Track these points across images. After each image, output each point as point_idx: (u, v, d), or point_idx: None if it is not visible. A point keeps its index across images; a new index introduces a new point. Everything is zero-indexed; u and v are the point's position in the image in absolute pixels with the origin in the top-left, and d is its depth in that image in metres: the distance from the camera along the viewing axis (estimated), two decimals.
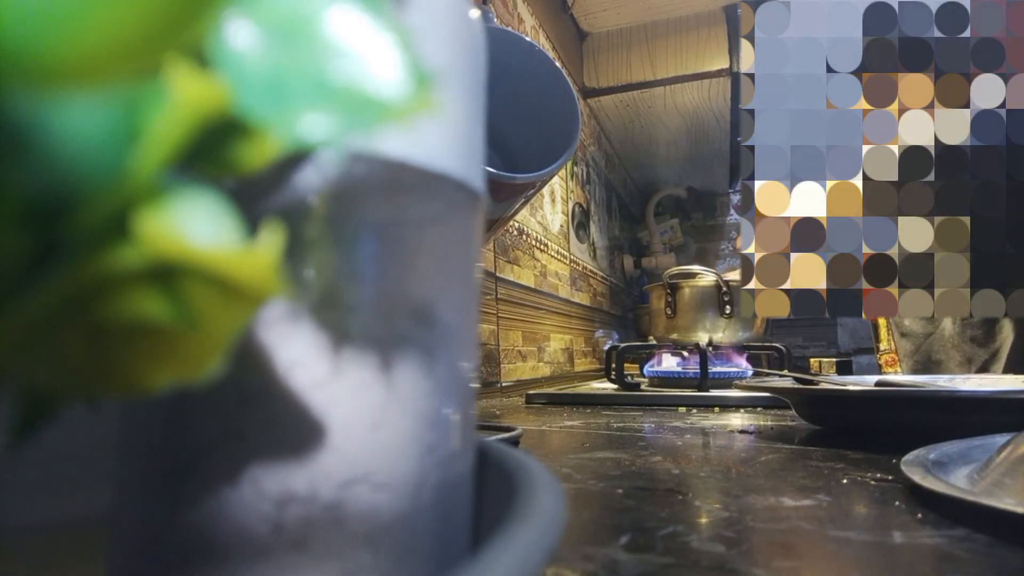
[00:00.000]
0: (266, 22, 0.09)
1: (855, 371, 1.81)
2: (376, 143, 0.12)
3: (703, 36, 1.78)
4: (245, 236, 0.08)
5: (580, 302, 1.72)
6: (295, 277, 0.12)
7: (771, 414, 0.65)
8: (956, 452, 0.32)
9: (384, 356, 0.12)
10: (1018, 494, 0.24)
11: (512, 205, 0.61)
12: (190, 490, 0.12)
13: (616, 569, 0.20)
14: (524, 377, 1.24)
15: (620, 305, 2.22)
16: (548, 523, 0.11)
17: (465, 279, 0.15)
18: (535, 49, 0.62)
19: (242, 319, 0.08)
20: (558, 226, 1.55)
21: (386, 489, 0.12)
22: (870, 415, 0.46)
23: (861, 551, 0.21)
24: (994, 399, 0.42)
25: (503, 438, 0.43)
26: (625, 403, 0.79)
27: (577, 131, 0.61)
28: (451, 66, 0.14)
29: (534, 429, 0.56)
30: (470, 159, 0.14)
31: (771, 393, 0.62)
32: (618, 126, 2.09)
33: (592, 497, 0.30)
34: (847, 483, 0.31)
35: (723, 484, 0.32)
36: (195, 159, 0.08)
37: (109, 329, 0.08)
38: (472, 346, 0.15)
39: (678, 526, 0.24)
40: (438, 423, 0.13)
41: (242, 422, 0.12)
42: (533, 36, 1.40)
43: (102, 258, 0.08)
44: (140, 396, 0.09)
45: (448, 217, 0.14)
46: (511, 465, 0.15)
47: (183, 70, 0.07)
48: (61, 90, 0.07)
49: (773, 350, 0.95)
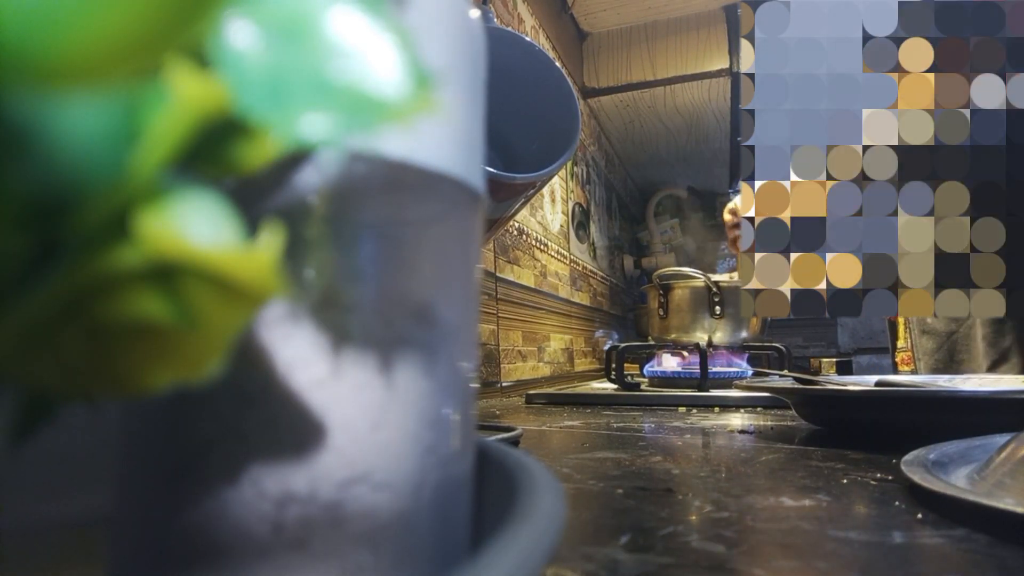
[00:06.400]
0: (266, 22, 0.09)
1: (855, 371, 1.81)
2: (376, 143, 0.12)
3: (703, 36, 1.78)
4: (245, 236, 0.08)
5: (580, 302, 1.72)
6: (295, 277, 0.12)
7: (771, 414, 0.65)
8: (956, 452, 0.32)
9: (384, 356, 0.12)
10: (1018, 494, 0.24)
11: (512, 205, 0.61)
12: (190, 490, 0.12)
13: (616, 569, 0.20)
14: (524, 377, 1.24)
15: (620, 305, 2.22)
16: (548, 523, 0.11)
17: (465, 279, 0.15)
18: (535, 49, 0.62)
19: (242, 319, 0.08)
20: (558, 226, 1.55)
21: (386, 489, 0.12)
22: (870, 415, 0.46)
23: (861, 551, 0.21)
24: (994, 399, 0.42)
25: (503, 438, 0.43)
26: (625, 403, 0.79)
27: (577, 131, 0.61)
28: (451, 66, 0.14)
29: (534, 429, 0.56)
30: (470, 159, 0.14)
31: (771, 393, 0.62)
32: (618, 126, 2.09)
33: (592, 497, 0.30)
34: (847, 483, 0.31)
35: (723, 484, 0.32)
36: (195, 159, 0.08)
37: (109, 329, 0.08)
38: (472, 346, 0.15)
39: (678, 526, 0.24)
40: (438, 423, 0.13)
41: (242, 422, 0.12)
42: (533, 36, 1.40)
43: (102, 258, 0.08)
44: (140, 396, 0.09)
45: (448, 217, 0.14)
46: (511, 465, 0.15)
47: (183, 70, 0.07)
48: (61, 90, 0.07)
49: (773, 350, 0.95)
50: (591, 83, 1.87)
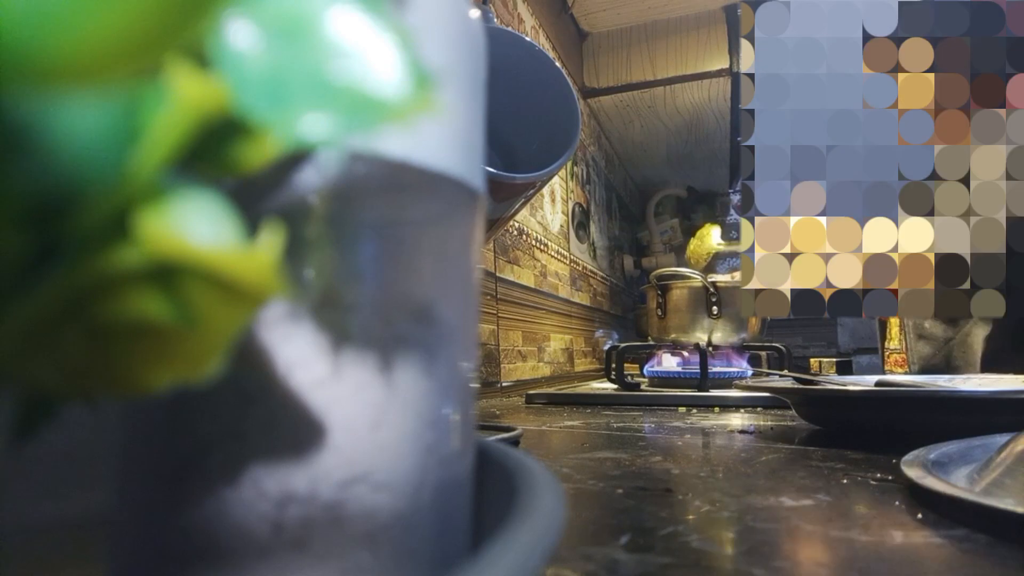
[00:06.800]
0: (266, 22, 0.09)
1: (855, 371, 1.80)
2: (376, 143, 0.12)
3: (703, 36, 1.78)
4: (245, 236, 0.08)
5: (580, 302, 1.72)
6: (295, 277, 0.12)
7: (771, 414, 0.65)
8: (956, 452, 0.32)
9: (384, 356, 0.12)
10: (1018, 494, 0.24)
11: (512, 205, 0.61)
12: (190, 490, 0.12)
13: (616, 569, 0.20)
14: (524, 377, 1.24)
15: (620, 305, 2.22)
16: (548, 523, 0.11)
17: (465, 279, 0.15)
18: (535, 49, 0.62)
19: (242, 319, 0.08)
20: (558, 226, 1.55)
21: (386, 489, 0.12)
22: (870, 415, 0.46)
23: (861, 551, 0.21)
24: (994, 399, 0.42)
25: (503, 438, 0.43)
26: (625, 403, 0.79)
27: (577, 131, 0.61)
28: (451, 66, 0.14)
29: (534, 429, 0.56)
30: (470, 159, 0.14)
31: (771, 393, 0.62)
32: (618, 126, 2.09)
33: (592, 497, 0.30)
34: (847, 483, 0.31)
35: (723, 484, 0.32)
36: (195, 159, 0.08)
37: (109, 329, 0.08)
38: (472, 346, 0.15)
39: (678, 526, 0.24)
40: (438, 423, 0.13)
41: (242, 422, 0.12)
42: (533, 36, 1.40)
43: (102, 258, 0.08)
44: (140, 396, 0.09)
45: (448, 217, 0.14)
46: (511, 465, 0.15)
47: (183, 70, 0.07)
48: (61, 90, 0.07)
49: (773, 350, 0.95)
50: (591, 83, 1.87)
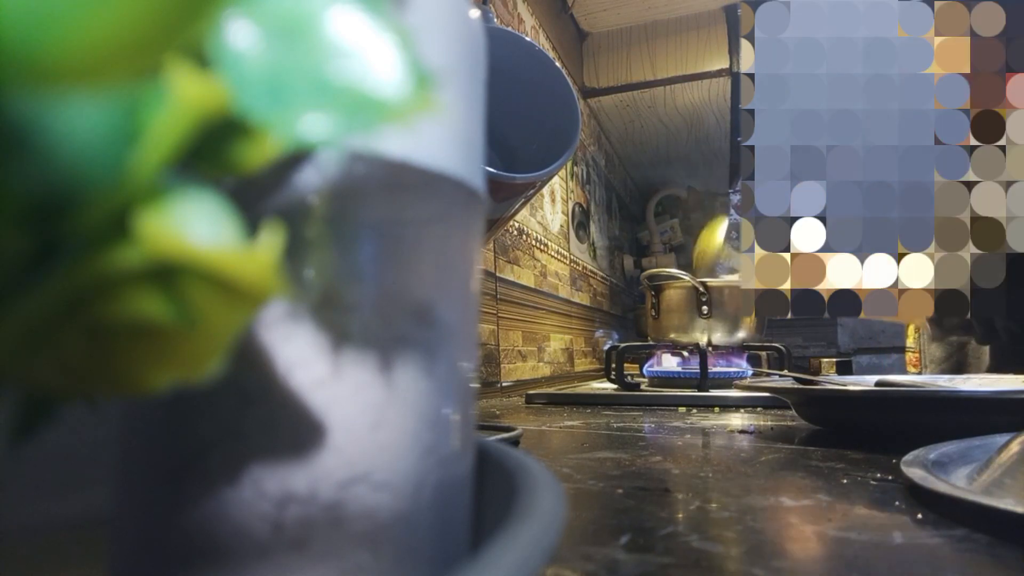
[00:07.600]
0: (266, 22, 0.09)
1: (855, 371, 1.80)
2: (376, 143, 0.12)
3: (703, 36, 1.78)
4: (245, 236, 0.08)
5: (580, 302, 1.72)
6: (295, 277, 0.12)
7: (771, 414, 0.65)
8: (956, 452, 0.32)
9: (384, 356, 0.12)
10: (1018, 494, 0.24)
11: (512, 205, 0.61)
12: (190, 490, 0.12)
13: (616, 569, 0.20)
14: (524, 377, 1.24)
15: (620, 305, 2.22)
16: (548, 523, 0.11)
17: (465, 279, 0.15)
18: (535, 49, 0.62)
19: (242, 319, 0.08)
20: (558, 226, 1.55)
21: (386, 489, 0.12)
22: (870, 415, 0.46)
23: (861, 551, 0.21)
24: (994, 399, 0.42)
25: (503, 438, 0.43)
26: (625, 403, 0.79)
27: (577, 131, 0.61)
28: (451, 66, 0.14)
29: (534, 429, 0.56)
30: (470, 159, 0.14)
31: (771, 393, 0.62)
32: (618, 126, 2.09)
33: (592, 497, 0.30)
34: (847, 483, 0.31)
35: (723, 484, 0.32)
36: (195, 159, 0.08)
37: (109, 329, 0.08)
38: (472, 346, 0.15)
39: (678, 526, 0.24)
40: (438, 423, 0.13)
41: (242, 422, 0.12)
42: (533, 36, 1.40)
43: (102, 258, 0.08)
44: (140, 396, 0.09)
45: (448, 217, 0.14)
46: (511, 465, 0.15)
47: (183, 70, 0.07)
48: (61, 90, 0.07)
49: (773, 350, 0.95)
50: (591, 83, 1.87)
